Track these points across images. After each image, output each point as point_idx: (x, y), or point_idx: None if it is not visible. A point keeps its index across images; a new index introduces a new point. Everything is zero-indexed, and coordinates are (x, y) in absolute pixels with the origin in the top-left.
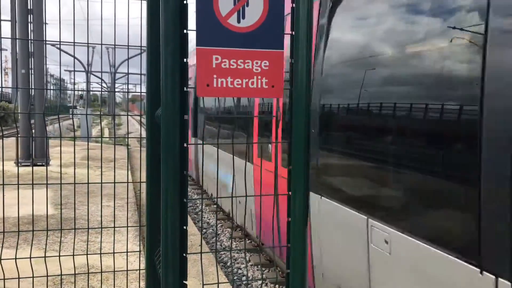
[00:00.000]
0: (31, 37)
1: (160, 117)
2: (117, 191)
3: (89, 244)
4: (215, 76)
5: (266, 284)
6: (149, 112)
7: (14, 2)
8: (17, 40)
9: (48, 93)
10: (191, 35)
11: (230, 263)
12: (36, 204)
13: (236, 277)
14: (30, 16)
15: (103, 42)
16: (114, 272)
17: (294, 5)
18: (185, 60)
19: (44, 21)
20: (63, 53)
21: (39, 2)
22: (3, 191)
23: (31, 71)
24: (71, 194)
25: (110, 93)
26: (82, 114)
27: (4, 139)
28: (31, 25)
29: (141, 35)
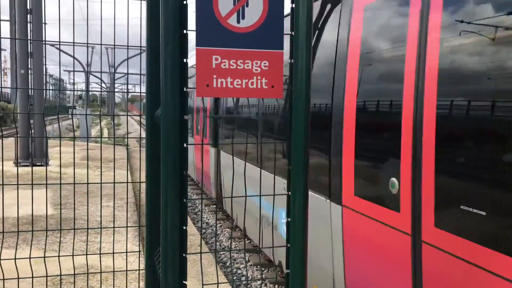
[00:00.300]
0: (30, 37)
1: (160, 117)
2: (117, 191)
3: (88, 244)
4: (214, 76)
5: (265, 284)
6: (148, 112)
7: (13, 2)
8: (16, 40)
9: (48, 93)
10: (191, 35)
11: (229, 263)
12: (36, 204)
13: (236, 277)
14: (29, 16)
15: (102, 42)
16: (113, 272)
17: (293, 5)
18: (184, 61)
19: (44, 21)
20: (63, 53)
21: (38, 2)
22: (2, 191)
23: (30, 71)
24: (70, 194)
25: (110, 93)
26: (81, 114)
27: (4, 139)
28: (30, 25)
29: (140, 35)
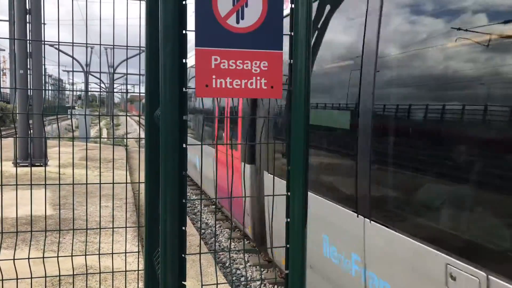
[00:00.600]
0: (29, 37)
1: (159, 118)
2: (116, 191)
3: (87, 244)
4: (214, 76)
5: (264, 284)
6: (148, 112)
7: (12, 2)
8: (15, 40)
9: (47, 93)
10: (190, 36)
11: (229, 264)
12: (35, 204)
13: (235, 277)
14: (28, 16)
15: (102, 42)
16: (112, 272)
17: (293, 5)
18: (184, 61)
19: (43, 21)
20: (62, 53)
21: (37, 2)
22: (1, 191)
23: (29, 72)
24: (69, 194)
25: (109, 93)
26: (80, 115)
27: (2, 139)
28: (29, 25)
29: (139, 35)
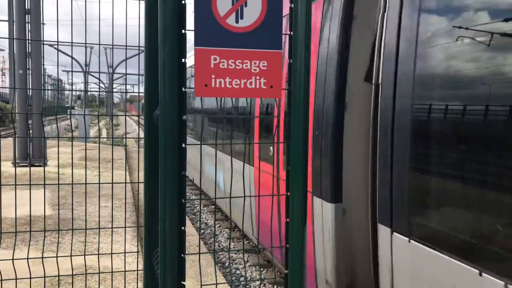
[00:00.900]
0: (28, 37)
1: (158, 117)
2: (115, 191)
3: (87, 244)
4: (213, 76)
5: (264, 284)
6: (147, 112)
7: (11, 2)
8: (14, 40)
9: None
10: (190, 35)
11: (228, 264)
12: (34, 204)
13: (235, 277)
14: (28, 16)
15: (101, 42)
16: (112, 273)
17: (292, 5)
18: (183, 60)
19: (42, 21)
20: (61, 53)
21: (37, 2)
22: (0, 191)
23: (29, 72)
24: (68, 194)
25: (108, 93)
26: (79, 114)
27: (2, 139)
28: (28, 25)
29: (139, 35)
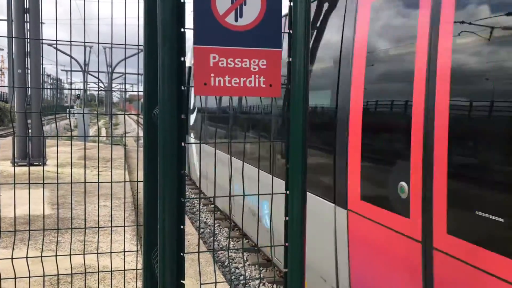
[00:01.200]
0: (27, 36)
1: (158, 116)
2: (115, 190)
3: (86, 244)
4: (212, 75)
5: (263, 283)
6: (146, 111)
7: (10, 1)
8: (13, 39)
9: (45, 93)
10: (189, 34)
11: (227, 263)
12: (33, 204)
13: (234, 276)
14: (27, 16)
15: (100, 41)
16: (111, 272)
17: (291, 3)
18: (182, 59)
19: (41, 20)
20: (60, 52)
21: (36, 1)
22: None
23: (28, 71)
24: (68, 194)
25: (107, 92)
26: (79, 113)
27: (1, 138)
28: (27, 25)
29: (138, 34)
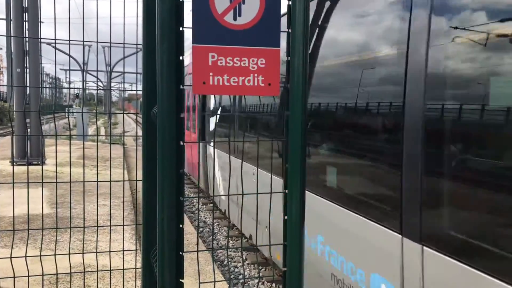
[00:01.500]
0: (26, 35)
1: (156, 115)
2: (113, 190)
3: (85, 243)
4: (211, 74)
5: (262, 282)
6: (145, 110)
7: (9, 0)
8: (12, 38)
9: (44, 92)
10: (187, 33)
11: (226, 262)
12: (32, 203)
13: (233, 275)
14: (25, 15)
15: (99, 40)
16: (110, 271)
17: (290, 2)
18: (181, 58)
19: (40, 19)
20: (59, 52)
21: (34, 0)
22: None
23: (27, 70)
24: (67, 193)
25: (106, 92)
26: (77, 112)
27: (0, 138)
28: (26, 24)
29: (137, 33)
